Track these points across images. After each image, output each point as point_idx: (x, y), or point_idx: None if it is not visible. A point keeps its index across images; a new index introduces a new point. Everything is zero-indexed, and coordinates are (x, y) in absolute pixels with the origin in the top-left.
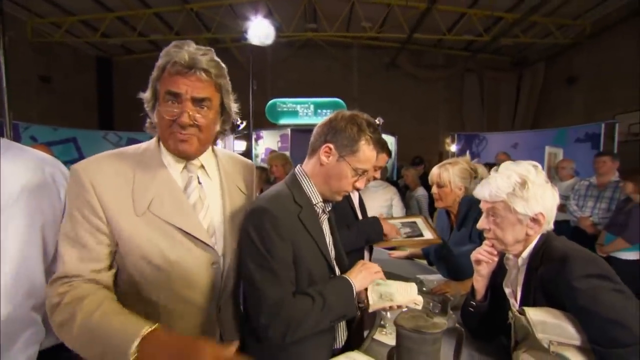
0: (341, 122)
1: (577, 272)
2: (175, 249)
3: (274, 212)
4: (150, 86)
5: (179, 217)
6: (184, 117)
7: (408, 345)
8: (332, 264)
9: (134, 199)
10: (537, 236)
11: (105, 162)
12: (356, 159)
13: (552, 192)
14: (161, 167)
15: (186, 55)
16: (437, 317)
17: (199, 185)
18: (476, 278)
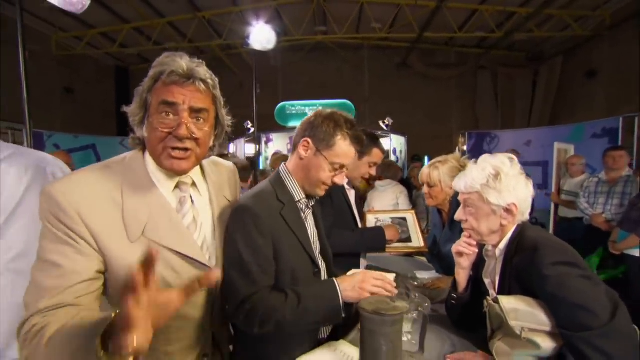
0: (319, 118)
1: (546, 260)
2: (172, 271)
3: (256, 210)
4: (139, 98)
5: (175, 240)
6: (181, 129)
7: (369, 327)
8: (315, 259)
9: (126, 225)
10: (512, 227)
11: (88, 186)
12: (333, 153)
13: (525, 183)
14: (152, 187)
15: (184, 64)
16: (399, 302)
17: (192, 206)
18: (457, 270)
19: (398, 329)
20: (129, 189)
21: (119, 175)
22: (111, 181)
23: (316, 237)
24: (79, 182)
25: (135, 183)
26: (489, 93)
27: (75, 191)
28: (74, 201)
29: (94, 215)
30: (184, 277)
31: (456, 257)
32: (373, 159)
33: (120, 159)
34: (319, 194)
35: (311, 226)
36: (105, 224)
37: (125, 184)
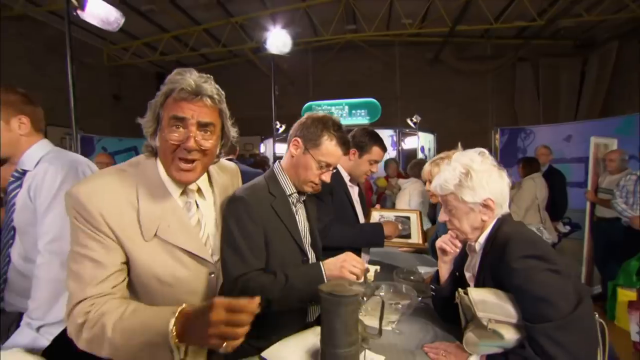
0: (309, 120)
1: (515, 253)
2: (181, 267)
3: (248, 200)
4: (152, 111)
5: (184, 240)
6: (190, 142)
7: (325, 307)
8: (304, 248)
9: (142, 226)
10: (492, 221)
11: (109, 190)
12: (319, 152)
13: (498, 175)
14: (164, 191)
15: (192, 82)
16: (356, 286)
17: (197, 210)
18: (440, 264)
19: (351, 310)
20: (143, 192)
21: (134, 179)
22: (128, 185)
23: (307, 229)
24: (102, 186)
25: (149, 187)
26: (529, 86)
27: (99, 195)
28: (98, 204)
29: (114, 216)
30: (190, 270)
31: (439, 252)
32: (373, 157)
33: (134, 162)
34: (307, 190)
35: (302, 219)
36: (123, 225)
37: (140, 188)
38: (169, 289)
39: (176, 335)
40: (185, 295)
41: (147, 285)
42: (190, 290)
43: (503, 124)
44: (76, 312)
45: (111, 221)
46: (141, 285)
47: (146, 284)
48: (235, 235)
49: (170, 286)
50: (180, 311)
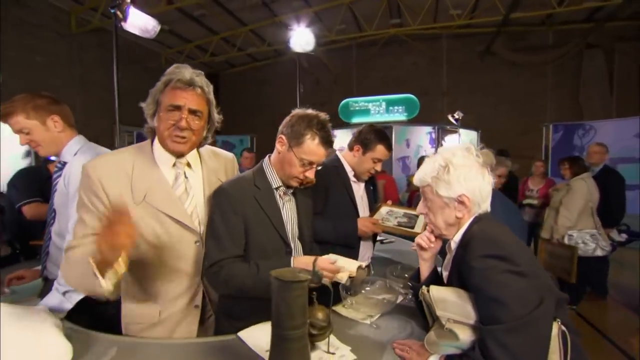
0: (294, 117)
1: (476, 252)
2: (166, 230)
3: (230, 191)
4: (152, 97)
5: (168, 206)
6: (182, 122)
7: (274, 290)
8: (287, 240)
9: (133, 191)
10: (469, 219)
11: (109, 162)
12: (301, 150)
13: (479, 173)
14: (154, 165)
15: (187, 75)
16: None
17: (185, 180)
18: (420, 261)
19: (296, 295)
20: (137, 165)
21: (132, 155)
22: (127, 160)
23: (294, 221)
24: (105, 161)
25: (142, 162)
26: (598, 77)
27: (101, 167)
28: (98, 174)
29: (110, 182)
30: (174, 235)
31: (417, 249)
32: (376, 155)
33: (137, 145)
34: (293, 185)
35: (289, 211)
36: (118, 189)
37: (136, 162)
38: (155, 251)
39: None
40: (172, 260)
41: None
42: (175, 255)
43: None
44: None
45: (107, 186)
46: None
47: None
48: (217, 224)
49: (155, 248)
50: None
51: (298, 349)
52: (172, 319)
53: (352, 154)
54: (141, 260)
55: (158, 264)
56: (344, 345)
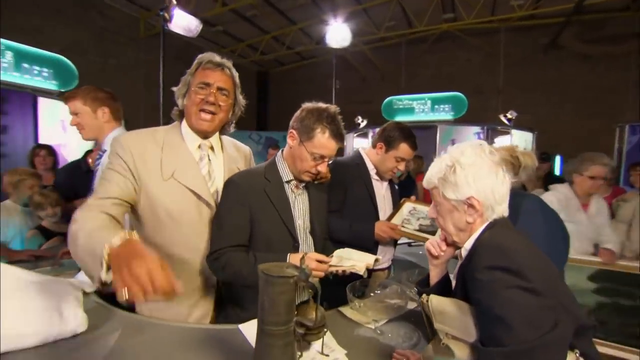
0: (304, 111)
1: (482, 263)
2: (189, 207)
3: (239, 183)
4: (183, 80)
5: (194, 183)
6: (211, 97)
7: (260, 284)
8: (294, 234)
9: (162, 168)
10: (481, 225)
11: (141, 137)
12: (312, 144)
13: (489, 172)
14: (182, 144)
15: (216, 57)
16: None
17: (208, 162)
18: (430, 267)
19: (281, 291)
20: (167, 144)
21: (163, 134)
22: (157, 138)
23: (306, 216)
24: (138, 135)
25: (172, 141)
26: None
27: (134, 140)
28: (131, 144)
29: (142, 155)
30: (196, 212)
31: (427, 254)
32: (400, 154)
33: (167, 126)
34: (305, 179)
35: (301, 205)
36: (148, 164)
37: (166, 140)
38: (176, 225)
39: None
40: (193, 237)
41: (158, 218)
42: (194, 231)
43: None
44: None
45: (137, 158)
46: (153, 218)
47: (157, 216)
48: (222, 213)
49: (177, 222)
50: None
51: (281, 346)
52: (189, 295)
53: (375, 151)
54: (161, 234)
55: (179, 240)
56: (340, 348)
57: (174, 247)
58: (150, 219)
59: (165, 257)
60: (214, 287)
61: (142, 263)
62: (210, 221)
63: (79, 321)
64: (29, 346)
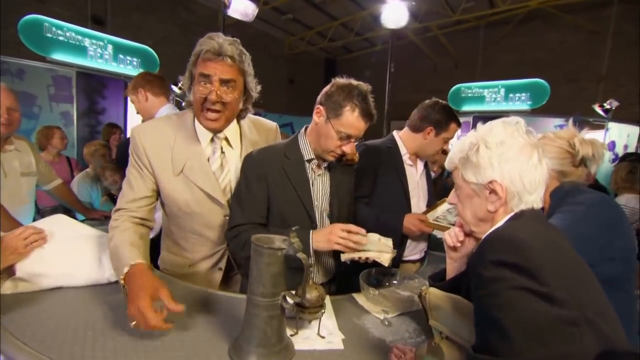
0: (334, 87)
1: (487, 256)
2: (197, 203)
3: (257, 158)
4: (187, 70)
5: (202, 181)
6: (212, 95)
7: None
8: (312, 215)
9: (173, 163)
10: (504, 215)
11: (154, 130)
12: (339, 122)
13: (521, 153)
14: (194, 139)
15: (215, 44)
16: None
17: (222, 155)
18: (447, 260)
19: (268, 262)
20: (179, 137)
21: (175, 126)
22: (170, 130)
23: (325, 198)
24: (151, 128)
25: (184, 134)
26: None
27: (147, 134)
28: (144, 141)
29: (153, 151)
30: (205, 207)
31: (445, 245)
32: (449, 135)
33: (181, 113)
34: (329, 159)
35: (322, 186)
36: (159, 158)
37: (178, 133)
38: (188, 217)
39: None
40: (202, 227)
41: (172, 210)
42: (205, 223)
43: None
44: (113, 215)
45: (150, 154)
46: (167, 209)
47: (171, 208)
48: (241, 189)
49: (188, 215)
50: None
51: (265, 317)
52: (197, 276)
53: (421, 135)
54: (175, 222)
55: (189, 228)
56: (339, 332)
57: (185, 233)
58: (166, 208)
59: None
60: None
61: (134, 301)
62: (218, 214)
63: (113, 271)
64: (74, 285)
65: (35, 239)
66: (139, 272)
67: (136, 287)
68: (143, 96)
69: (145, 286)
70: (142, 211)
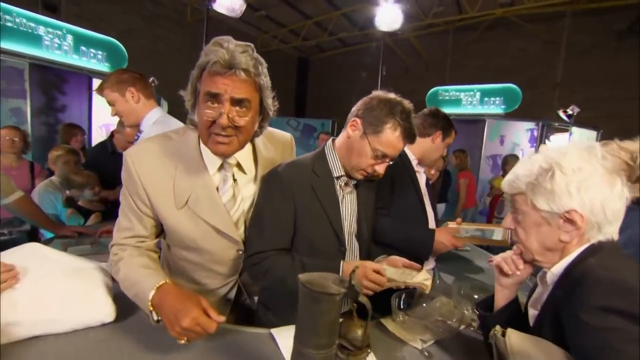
0: (375, 100)
1: (591, 300)
2: (207, 239)
3: (283, 176)
4: (190, 84)
5: (211, 215)
6: (222, 119)
7: (300, 298)
8: (342, 237)
9: (175, 194)
10: (579, 246)
11: (150, 154)
12: (377, 139)
13: (602, 181)
14: (199, 164)
15: (225, 54)
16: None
17: (233, 183)
18: (496, 287)
19: (324, 310)
20: (181, 163)
21: (176, 148)
22: (170, 154)
23: (353, 217)
24: (147, 152)
25: (187, 159)
26: None
27: (142, 160)
28: (139, 169)
29: (151, 181)
30: (215, 243)
31: (496, 270)
32: (451, 140)
33: (182, 131)
34: (357, 177)
35: (349, 205)
36: (158, 190)
37: (180, 157)
38: (195, 252)
39: (152, 304)
40: (211, 264)
41: (175, 243)
42: (215, 260)
43: None
44: (112, 250)
45: (147, 185)
46: (171, 240)
47: (174, 241)
48: (264, 211)
49: (195, 250)
50: (161, 286)
51: None
52: None
53: (430, 140)
54: (178, 254)
55: (195, 262)
56: None
57: (192, 267)
58: (167, 238)
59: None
60: (229, 300)
61: (186, 314)
62: (231, 250)
63: (107, 310)
64: (58, 332)
65: (5, 279)
66: (168, 291)
67: (177, 304)
68: (134, 96)
69: (187, 299)
70: (145, 245)
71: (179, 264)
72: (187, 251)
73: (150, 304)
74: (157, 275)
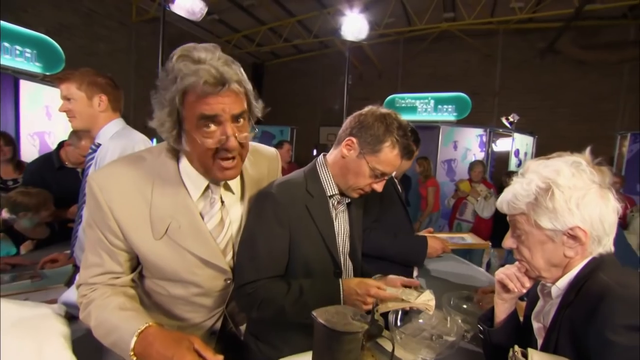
0: (370, 118)
1: (616, 319)
2: (191, 270)
3: (278, 198)
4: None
5: (195, 244)
6: (231, 142)
7: (318, 336)
8: (337, 259)
9: (152, 223)
10: (582, 260)
11: (121, 178)
12: (376, 159)
13: (596, 197)
14: (179, 188)
15: (212, 70)
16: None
17: (221, 207)
18: (496, 301)
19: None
20: (158, 187)
21: (151, 170)
22: (144, 177)
23: (346, 236)
24: (116, 177)
25: (165, 182)
26: None
27: (111, 187)
28: (108, 198)
29: (124, 211)
30: (200, 274)
31: (497, 285)
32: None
33: (157, 151)
34: (353, 196)
35: (342, 224)
36: (132, 221)
37: (157, 180)
38: (177, 285)
39: (134, 353)
40: (195, 297)
41: (158, 283)
42: (201, 292)
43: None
44: (79, 290)
45: (119, 216)
46: (148, 272)
47: (156, 281)
48: (256, 236)
49: (177, 283)
50: (143, 331)
51: None
52: None
53: None
54: (158, 285)
55: (177, 296)
56: None
57: (175, 300)
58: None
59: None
60: (214, 333)
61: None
62: (217, 280)
63: None
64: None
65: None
66: (154, 336)
67: (165, 352)
68: (101, 104)
69: (177, 344)
70: (119, 282)
71: (157, 298)
72: (168, 284)
73: (133, 353)
74: (138, 318)
